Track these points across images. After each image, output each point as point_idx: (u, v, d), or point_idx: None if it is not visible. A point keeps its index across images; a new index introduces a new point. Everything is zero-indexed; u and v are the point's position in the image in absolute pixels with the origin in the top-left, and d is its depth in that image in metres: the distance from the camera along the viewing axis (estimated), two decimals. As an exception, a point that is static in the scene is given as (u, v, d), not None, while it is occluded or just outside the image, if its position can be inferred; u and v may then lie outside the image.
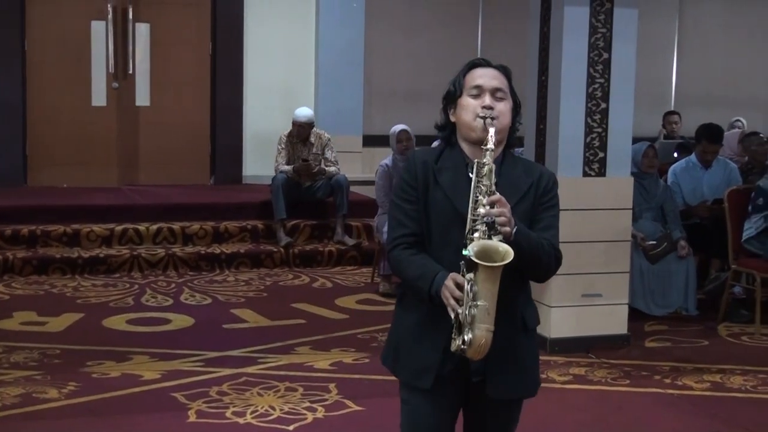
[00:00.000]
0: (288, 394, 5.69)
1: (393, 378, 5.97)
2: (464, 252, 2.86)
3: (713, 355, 6.73)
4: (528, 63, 7.09)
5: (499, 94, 3.07)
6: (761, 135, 9.19)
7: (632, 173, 7.23)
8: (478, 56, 12.15)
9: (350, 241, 9.47)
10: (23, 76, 10.43)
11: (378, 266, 8.50)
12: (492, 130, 2.97)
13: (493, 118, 3.00)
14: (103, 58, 10.57)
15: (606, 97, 6.70)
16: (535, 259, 2.98)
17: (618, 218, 6.71)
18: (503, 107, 3.07)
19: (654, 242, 7.57)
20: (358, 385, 5.91)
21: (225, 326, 7.23)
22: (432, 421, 3.17)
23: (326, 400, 5.62)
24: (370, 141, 11.27)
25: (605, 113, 6.68)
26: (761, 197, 7.40)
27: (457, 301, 2.86)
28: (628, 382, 6.00)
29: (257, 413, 5.37)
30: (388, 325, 7.52)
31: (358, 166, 11.16)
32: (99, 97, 10.65)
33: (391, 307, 8.41)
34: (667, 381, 6.09)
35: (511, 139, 3.17)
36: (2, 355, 6.35)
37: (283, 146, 9.57)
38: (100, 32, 10.56)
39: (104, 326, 7.15)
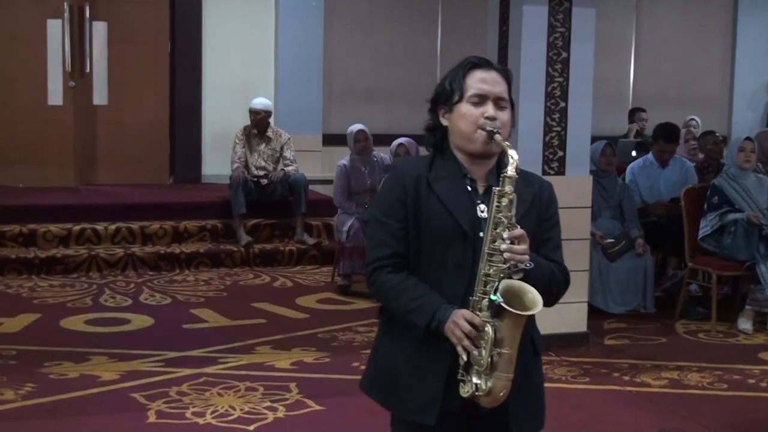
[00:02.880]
0: (248, 394, 5.67)
1: (354, 377, 5.97)
2: (492, 298, 2.60)
3: (671, 353, 6.80)
4: (487, 62, 7.13)
5: (502, 103, 2.80)
6: (717, 134, 9.29)
7: (591, 172, 7.28)
8: (438, 52, 12.27)
9: (310, 240, 9.46)
10: (-22, 75, 10.34)
11: (338, 265, 8.49)
12: (515, 154, 2.68)
13: (496, 131, 2.73)
14: (60, 57, 10.47)
15: (565, 96, 6.74)
16: (547, 291, 2.73)
17: (577, 217, 6.75)
18: (505, 117, 2.79)
19: (612, 240, 7.63)
20: (319, 385, 5.90)
21: (185, 326, 7.20)
22: None
23: (287, 399, 5.61)
24: (329, 140, 11.27)
25: (564, 112, 6.72)
26: (716, 196, 7.48)
27: (471, 340, 2.62)
28: (587, 379, 6.04)
29: (217, 413, 5.35)
30: (349, 324, 7.56)
31: (317, 166, 11.16)
32: (55, 96, 10.54)
33: (352, 306, 8.44)
34: (626, 378, 6.14)
35: None
36: (-42, 356, 6.31)
37: (239, 142, 9.56)
38: (56, 30, 10.46)
39: (62, 327, 7.09)
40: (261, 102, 9.55)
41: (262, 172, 9.53)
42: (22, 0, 10.38)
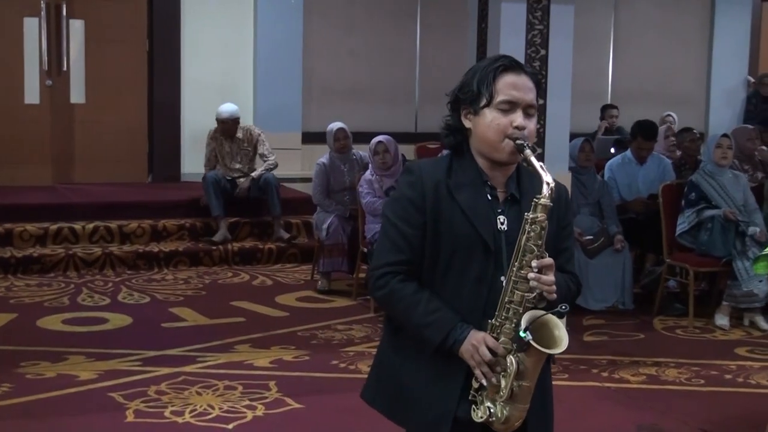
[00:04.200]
0: (227, 393, 5.66)
1: (333, 375, 5.98)
2: (521, 334, 2.48)
3: (649, 349, 6.84)
4: (466, 59, 7.14)
5: (530, 110, 2.64)
6: (694, 131, 9.33)
7: (570, 168, 7.30)
8: (417, 50, 12.26)
9: (285, 235, 9.45)
10: (-47, 73, 10.29)
11: (317, 264, 8.49)
12: (550, 180, 2.53)
13: (525, 144, 2.57)
14: (36, 55, 10.44)
15: (543, 94, 6.75)
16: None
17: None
18: (532, 126, 2.64)
19: (591, 237, 7.66)
20: (298, 383, 5.90)
21: (163, 325, 7.18)
22: None
23: (266, 398, 5.61)
24: (309, 138, 11.27)
25: (543, 109, 6.73)
26: (694, 192, 7.52)
27: (490, 366, 2.54)
28: (566, 376, 6.06)
29: (196, 412, 5.35)
30: (329, 322, 7.55)
31: (297, 164, 11.16)
32: (32, 94, 10.51)
33: (331, 304, 8.43)
34: (605, 374, 6.16)
35: None
36: (-67, 356, 6.28)
37: (209, 143, 9.56)
38: (33, 29, 10.42)
39: (38, 326, 7.06)
40: (227, 110, 9.42)
41: (237, 174, 9.51)
42: (-1, -1, 10.34)
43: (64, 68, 10.65)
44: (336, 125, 8.51)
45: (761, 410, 5.26)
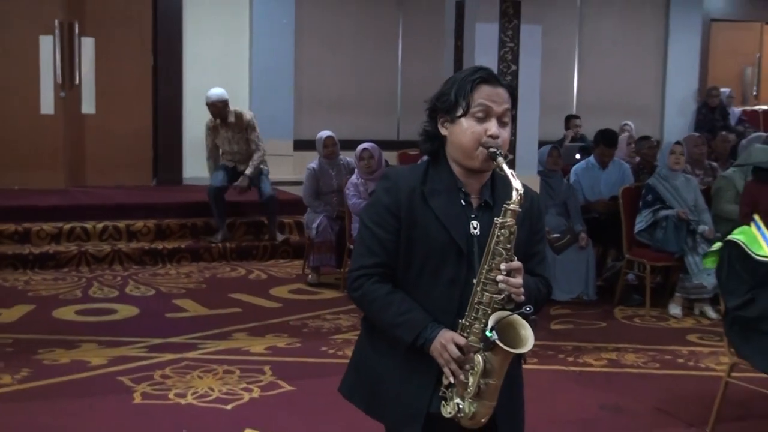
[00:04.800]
0: (226, 377, 5.66)
1: (322, 360, 5.99)
2: (488, 334, 2.41)
3: (610, 336, 6.86)
4: (444, 74, 7.15)
5: (505, 118, 2.57)
6: (651, 139, 9.38)
7: (539, 172, 7.33)
8: (399, 65, 12.26)
9: (280, 237, 9.44)
10: (-25, 86, 10.26)
11: (308, 259, 8.49)
12: (519, 186, 2.45)
13: (498, 152, 2.49)
14: (51, 70, 10.40)
15: (514, 104, 6.76)
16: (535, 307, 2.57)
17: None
18: (506, 135, 2.56)
19: (558, 235, 7.68)
20: (291, 367, 5.90)
21: (167, 315, 7.17)
22: None
23: (261, 381, 5.61)
24: (300, 145, 11.27)
25: (514, 119, 6.69)
26: (650, 194, 7.56)
27: (459, 364, 2.46)
28: (536, 360, 6.07)
29: (198, 394, 5.34)
30: (318, 312, 7.56)
31: (289, 168, 11.15)
32: (47, 105, 10.46)
33: (321, 296, 8.42)
34: (570, 359, 6.19)
35: None
36: (-42, 344, 6.26)
37: (207, 135, 9.41)
38: (48, 46, 10.38)
39: (54, 317, 7.04)
40: (215, 93, 9.22)
41: (238, 157, 9.32)
42: (16, 17, 10.29)
43: (76, 81, 10.63)
44: (325, 133, 8.51)
45: (710, 391, 5.28)
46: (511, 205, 2.45)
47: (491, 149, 2.50)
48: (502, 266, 2.44)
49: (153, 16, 10.93)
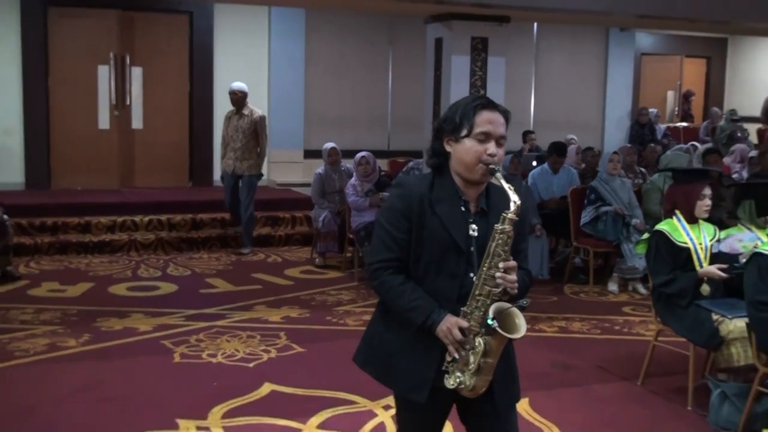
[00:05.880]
0: (249, 340, 5.67)
1: (327, 327, 5.97)
2: (489, 322, 2.39)
3: (560, 308, 6.88)
4: (425, 97, 7.15)
5: (502, 141, 2.52)
6: (594, 149, 9.39)
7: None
8: (389, 90, 12.23)
9: (245, 250, 8.83)
10: (47, 106, 10.19)
11: (315, 246, 8.48)
12: (517, 199, 2.44)
13: (496, 169, 2.46)
14: (107, 93, 10.37)
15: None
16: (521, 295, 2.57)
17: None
18: (502, 153, 2.51)
19: (517, 227, 7.66)
20: (302, 333, 5.91)
21: (201, 291, 7.17)
22: (429, 425, 2.68)
23: (278, 344, 5.62)
24: (309, 154, 11.24)
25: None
26: (593, 194, 7.57)
27: (460, 344, 2.43)
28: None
29: (226, 354, 5.35)
30: (323, 289, 7.54)
31: (300, 173, 11.14)
32: (104, 122, 10.44)
33: (326, 276, 8.40)
34: (528, 326, 6.17)
35: None
36: (33, 315, 6.25)
37: (224, 124, 8.94)
38: (104, 74, 10.35)
39: (109, 292, 7.04)
40: (237, 85, 8.90)
41: (237, 153, 8.74)
42: (80, 51, 10.24)
43: (127, 103, 10.59)
44: (329, 145, 8.50)
45: (640, 351, 5.30)
46: (509, 214, 2.43)
47: (490, 166, 2.47)
48: (501, 265, 2.41)
49: (189, 50, 10.90)
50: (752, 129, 14.16)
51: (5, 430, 4.14)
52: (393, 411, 4.42)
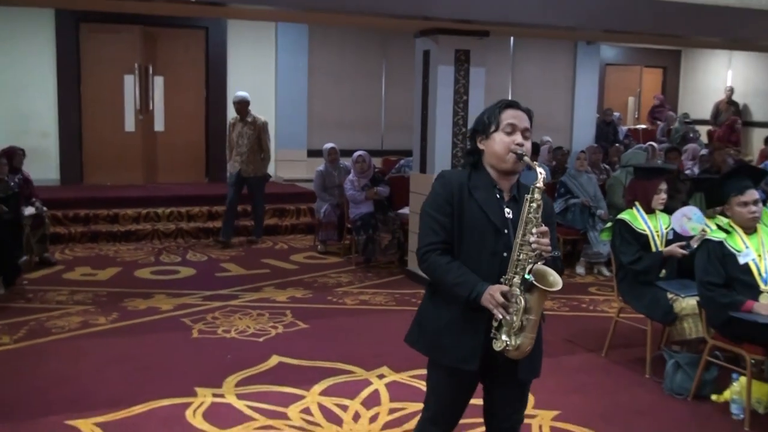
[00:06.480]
0: (258, 318, 5.68)
1: (328, 306, 5.96)
2: (526, 277, 2.36)
3: (533, 289, 6.88)
4: (414, 102, 7.14)
5: (527, 133, 2.51)
6: (564, 149, 9.40)
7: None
8: (383, 95, 12.20)
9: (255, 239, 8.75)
10: (79, 111, 10.14)
11: (317, 235, 8.47)
12: (542, 172, 2.44)
13: (524, 154, 2.46)
14: (132, 99, 10.32)
15: (465, 124, 6.78)
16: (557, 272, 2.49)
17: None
18: (529, 145, 2.50)
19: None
20: (305, 311, 5.91)
21: (216, 275, 7.16)
22: (462, 395, 2.62)
23: (284, 321, 5.63)
24: (311, 153, 11.21)
25: (464, 135, 6.75)
26: (563, 188, 7.58)
27: (505, 308, 2.37)
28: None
29: (239, 330, 5.36)
30: (324, 272, 7.54)
31: (303, 170, 11.10)
32: (130, 125, 10.39)
33: (326, 261, 8.39)
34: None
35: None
36: (68, 296, 6.24)
37: (229, 130, 8.74)
38: (130, 82, 10.30)
39: (135, 276, 7.04)
40: (239, 94, 8.72)
41: (243, 157, 8.57)
42: (107, 62, 10.18)
43: (150, 108, 10.54)
44: (329, 145, 8.49)
45: (604, 327, 5.32)
46: (537, 183, 2.42)
47: (519, 152, 2.47)
48: (534, 230, 2.38)
49: (205, 61, 10.85)
50: (703, 130, 14.22)
51: (49, 395, 4.16)
52: (386, 380, 4.44)
